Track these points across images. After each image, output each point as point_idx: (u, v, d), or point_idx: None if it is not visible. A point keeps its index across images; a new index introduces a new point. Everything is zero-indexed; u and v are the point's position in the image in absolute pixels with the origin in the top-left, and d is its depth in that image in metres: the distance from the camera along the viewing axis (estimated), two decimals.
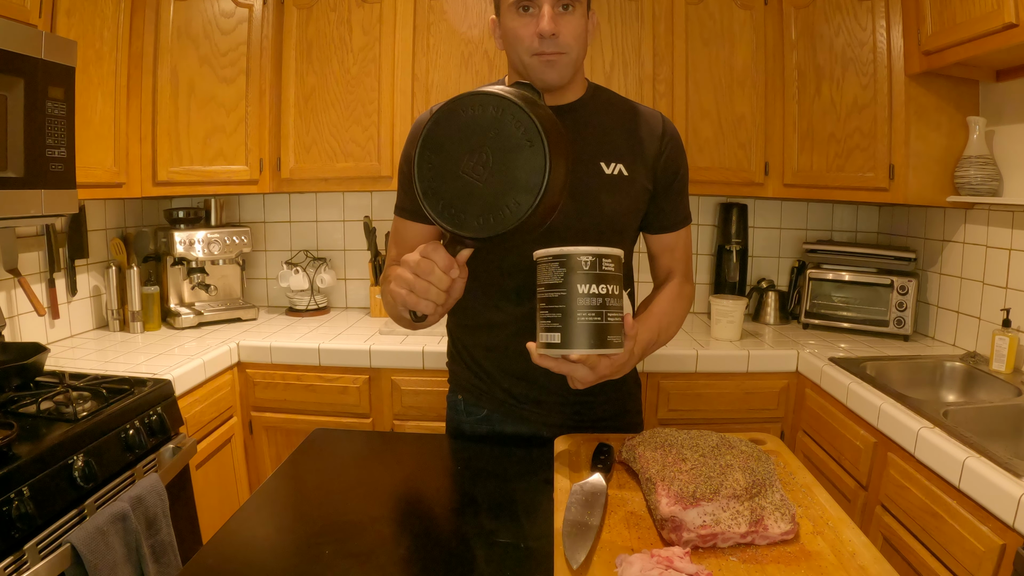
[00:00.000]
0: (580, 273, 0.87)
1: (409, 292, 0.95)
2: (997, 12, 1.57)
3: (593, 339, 0.88)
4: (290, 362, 2.18)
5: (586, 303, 0.87)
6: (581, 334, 0.88)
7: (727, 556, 0.80)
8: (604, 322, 0.88)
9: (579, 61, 1.16)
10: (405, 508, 1.03)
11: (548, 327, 0.90)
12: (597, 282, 0.88)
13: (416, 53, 2.33)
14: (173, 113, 2.21)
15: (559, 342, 0.88)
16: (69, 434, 1.40)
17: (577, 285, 0.87)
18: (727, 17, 2.32)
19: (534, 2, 1.09)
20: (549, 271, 0.89)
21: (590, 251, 0.88)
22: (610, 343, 0.89)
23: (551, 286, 0.89)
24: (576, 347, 0.88)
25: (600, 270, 0.88)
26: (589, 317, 0.87)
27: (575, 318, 0.88)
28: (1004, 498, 1.20)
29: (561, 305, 0.88)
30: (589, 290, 0.88)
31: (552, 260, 0.89)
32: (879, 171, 2.09)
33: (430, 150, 0.91)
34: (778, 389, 2.13)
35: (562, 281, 0.88)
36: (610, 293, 0.89)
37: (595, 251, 0.89)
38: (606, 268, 0.89)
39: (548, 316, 0.90)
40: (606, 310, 0.88)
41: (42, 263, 2.13)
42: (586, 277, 0.88)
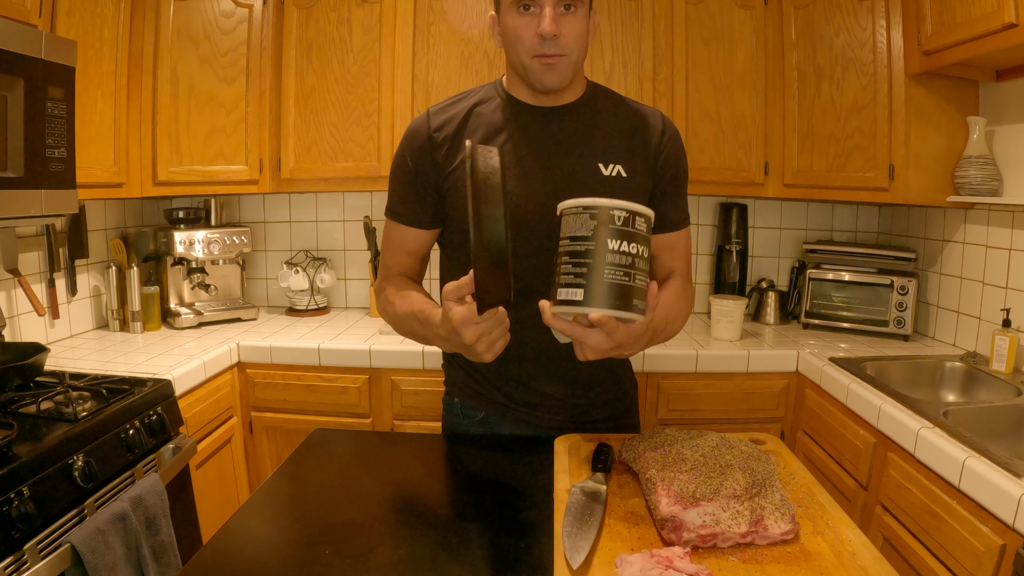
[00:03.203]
0: (612, 228, 0.81)
1: (495, 347, 0.94)
2: (997, 12, 1.57)
3: (618, 300, 0.80)
4: (290, 362, 2.18)
5: (615, 260, 0.80)
6: (606, 293, 0.80)
7: (727, 556, 0.80)
8: (631, 283, 0.81)
9: (579, 63, 1.14)
10: (405, 508, 1.03)
11: (570, 282, 0.82)
12: (628, 240, 0.81)
13: (416, 53, 2.33)
14: (173, 113, 2.21)
15: (581, 299, 0.81)
16: (69, 434, 1.40)
17: (608, 240, 0.80)
18: (727, 17, 2.32)
19: (536, 1, 1.07)
20: (577, 223, 0.82)
21: (625, 206, 0.82)
22: (635, 307, 0.82)
23: (578, 239, 0.82)
24: (599, 306, 0.80)
25: (632, 228, 0.82)
26: (617, 276, 0.80)
27: (602, 275, 0.80)
28: (1004, 498, 1.20)
29: (588, 260, 0.81)
30: (620, 247, 0.81)
31: (583, 211, 0.82)
32: (879, 171, 2.09)
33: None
34: (778, 389, 2.13)
35: (591, 234, 0.81)
36: (639, 255, 0.82)
37: (630, 207, 0.82)
38: (638, 227, 0.82)
39: (571, 271, 0.82)
40: (634, 271, 0.82)
41: (42, 263, 2.13)
42: (618, 233, 0.81)
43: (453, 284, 0.91)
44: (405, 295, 1.18)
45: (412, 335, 1.17)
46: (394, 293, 1.21)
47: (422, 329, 1.11)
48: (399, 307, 1.17)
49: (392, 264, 1.28)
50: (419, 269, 1.30)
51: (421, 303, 1.12)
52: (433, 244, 1.29)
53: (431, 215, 1.23)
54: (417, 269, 1.29)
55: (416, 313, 1.11)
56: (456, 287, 0.91)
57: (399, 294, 1.20)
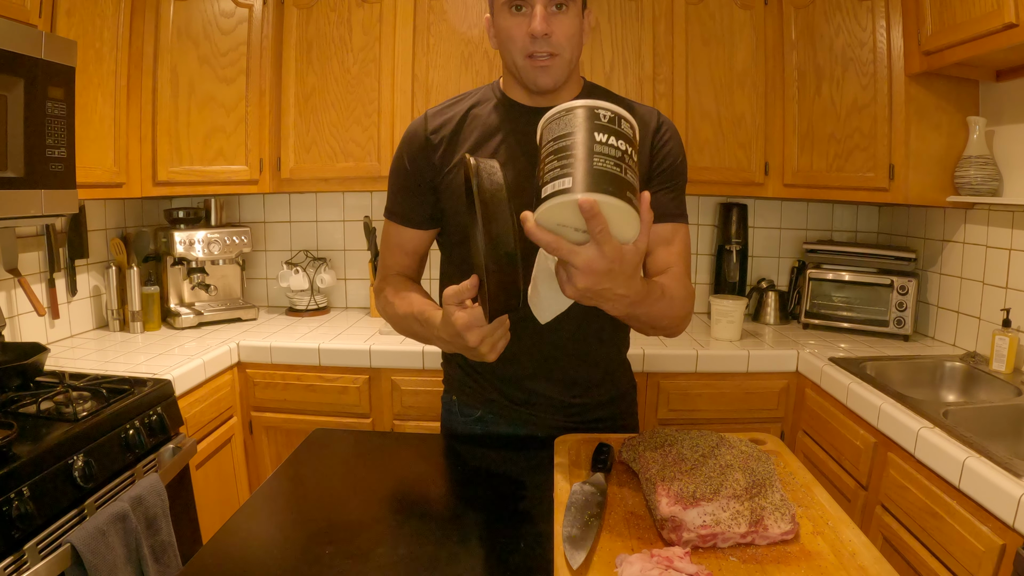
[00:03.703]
0: (597, 123, 0.75)
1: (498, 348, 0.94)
2: (997, 12, 1.57)
3: (609, 185, 0.72)
4: (290, 362, 2.18)
5: (602, 150, 0.74)
6: (596, 177, 0.72)
7: (727, 556, 0.80)
8: (622, 175, 0.74)
9: (573, 62, 1.14)
10: (405, 508, 1.03)
11: (556, 175, 0.74)
12: (616, 136, 0.75)
13: (416, 53, 2.33)
14: (173, 113, 2.21)
15: (569, 186, 0.72)
16: (69, 434, 1.40)
17: (594, 132, 0.74)
18: (727, 17, 2.32)
19: (527, 1, 1.07)
20: (561, 124, 0.77)
21: (610, 106, 0.77)
22: (628, 199, 0.74)
23: (560, 136, 0.76)
24: (589, 190, 0.71)
25: (619, 127, 0.76)
26: (606, 164, 0.73)
27: (589, 162, 0.73)
28: (1004, 498, 1.20)
29: (573, 151, 0.74)
30: (607, 140, 0.74)
31: (566, 113, 0.77)
32: (879, 171, 2.09)
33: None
34: (778, 389, 2.13)
35: (576, 129, 0.75)
36: (628, 154, 0.76)
37: (615, 108, 0.77)
38: (623, 128, 0.77)
39: (556, 165, 0.75)
40: (625, 165, 0.75)
41: (42, 263, 2.13)
42: (603, 128, 0.75)
43: (454, 289, 0.91)
44: (404, 295, 1.18)
45: (412, 335, 1.17)
46: (393, 293, 1.21)
47: (422, 330, 1.11)
48: (399, 307, 1.17)
49: (391, 264, 1.29)
50: (418, 268, 1.31)
51: (421, 304, 1.12)
52: (431, 243, 1.30)
53: (429, 215, 1.24)
54: (416, 268, 1.30)
55: (416, 315, 1.11)
56: (457, 292, 0.91)
57: (398, 294, 1.20)
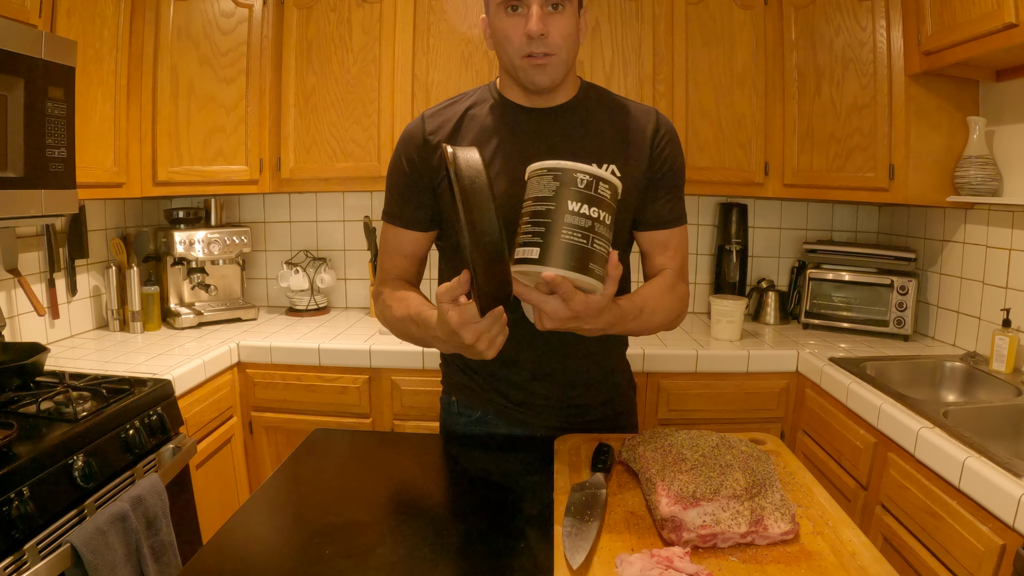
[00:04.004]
0: (573, 190, 0.80)
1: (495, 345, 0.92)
2: (997, 12, 1.57)
3: (573, 261, 0.79)
4: (290, 362, 2.18)
5: (573, 221, 0.79)
6: (561, 252, 0.79)
7: (727, 556, 0.80)
8: (588, 247, 0.80)
9: (570, 61, 1.14)
10: (405, 508, 1.03)
11: (527, 241, 0.81)
12: (590, 203, 0.80)
13: (416, 53, 2.33)
14: (173, 113, 2.21)
15: (536, 257, 0.80)
16: (69, 434, 1.40)
17: (568, 201, 0.80)
18: (727, 17, 2.32)
19: (523, 2, 1.07)
20: (541, 184, 0.82)
21: (588, 170, 0.81)
22: (591, 271, 0.81)
23: (539, 199, 0.81)
24: (553, 265, 0.79)
25: (595, 192, 0.81)
26: (574, 237, 0.79)
27: (559, 235, 0.79)
28: (1004, 498, 1.20)
29: (546, 220, 0.80)
30: (579, 209, 0.80)
31: (546, 173, 0.82)
32: (879, 171, 2.09)
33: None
34: (778, 389, 2.13)
35: (552, 195, 0.80)
36: (600, 220, 0.81)
37: (594, 171, 0.82)
38: (601, 193, 0.81)
39: (529, 230, 0.81)
40: (593, 235, 0.80)
41: (42, 263, 2.13)
42: (579, 195, 0.80)
43: (446, 286, 0.90)
44: (401, 298, 1.17)
45: (410, 338, 1.16)
46: (390, 296, 1.20)
47: (419, 332, 1.10)
48: (396, 311, 1.16)
49: (389, 267, 1.27)
50: (416, 272, 1.29)
51: (418, 306, 1.12)
52: (430, 246, 1.28)
53: (427, 217, 1.23)
54: (414, 272, 1.28)
55: (412, 316, 1.10)
56: (448, 289, 0.90)
57: (395, 297, 1.19)
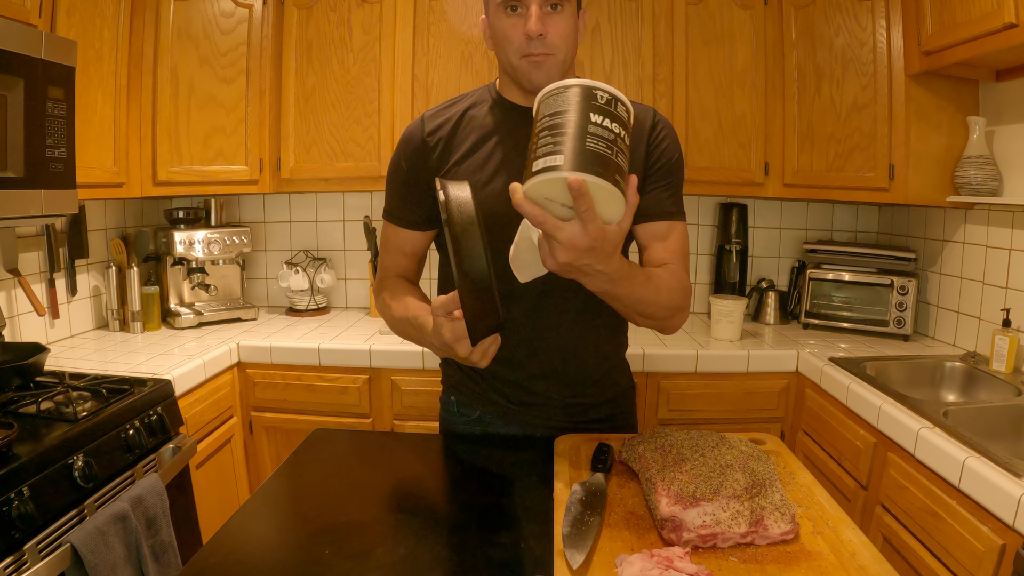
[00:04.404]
0: (594, 104, 0.77)
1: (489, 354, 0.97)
2: (997, 12, 1.57)
3: (599, 167, 0.74)
4: (290, 362, 2.18)
5: (596, 131, 0.75)
6: (587, 158, 0.74)
7: (727, 556, 0.80)
8: (613, 158, 0.76)
9: (568, 61, 1.14)
10: (405, 508, 1.03)
11: (548, 151, 0.76)
12: (610, 118, 0.77)
13: (416, 53, 2.33)
14: (173, 113, 2.21)
15: (560, 164, 0.74)
16: (69, 434, 1.40)
17: (589, 112, 0.76)
18: (727, 17, 2.32)
19: (522, 2, 1.08)
20: (558, 100, 0.78)
21: (607, 87, 0.78)
22: (617, 182, 0.76)
23: (556, 113, 0.77)
24: (579, 169, 0.74)
25: (615, 110, 0.78)
26: (599, 145, 0.75)
27: (582, 142, 0.75)
28: (1004, 498, 1.20)
29: (567, 129, 0.76)
30: (601, 121, 0.76)
31: (564, 90, 0.78)
32: (879, 171, 2.09)
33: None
34: (778, 389, 2.13)
35: (572, 107, 0.77)
36: (621, 137, 0.78)
37: (612, 90, 0.78)
38: (619, 110, 0.78)
39: (549, 141, 0.76)
40: (616, 149, 0.77)
41: (42, 263, 2.13)
42: (600, 109, 0.76)
43: (441, 300, 0.94)
44: (401, 298, 1.19)
45: (408, 338, 1.18)
46: (390, 296, 1.23)
47: (416, 335, 1.13)
48: (395, 311, 1.19)
49: (389, 265, 1.30)
50: (416, 269, 1.32)
51: (416, 309, 1.14)
52: (429, 244, 1.31)
53: (426, 217, 1.25)
54: (414, 269, 1.32)
55: (411, 319, 1.13)
56: (443, 303, 0.94)
57: (395, 296, 1.21)
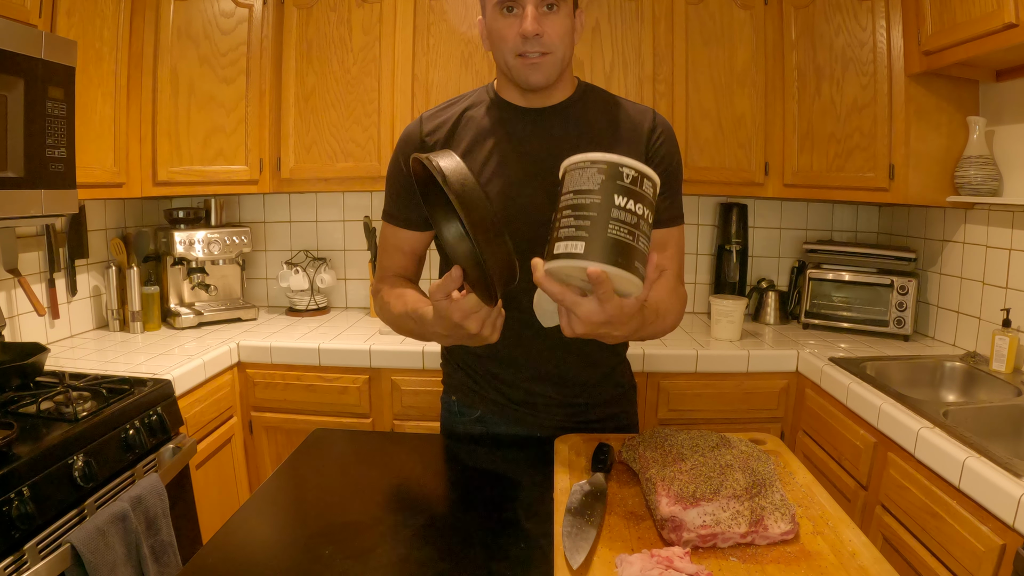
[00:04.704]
0: (619, 184, 0.78)
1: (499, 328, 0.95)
2: (997, 12, 1.57)
3: (620, 257, 0.76)
4: (290, 362, 2.18)
5: (619, 216, 0.77)
6: (609, 248, 0.76)
7: (727, 556, 0.80)
8: (634, 244, 0.77)
9: (565, 61, 1.14)
10: (405, 508, 1.03)
11: (570, 235, 0.78)
12: (635, 199, 0.78)
13: (416, 53, 2.33)
14: (173, 113, 2.21)
15: (581, 252, 0.76)
16: (69, 434, 1.40)
17: (613, 195, 0.77)
18: (727, 17, 2.32)
19: (518, 2, 1.08)
20: (583, 177, 0.79)
21: (634, 164, 0.79)
22: (636, 270, 0.78)
23: (582, 192, 0.78)
24: (599, 260, 0.76)
25: (640, 188, 0.79)
26: (620, 232, 0.76)
27: (604, 230, 0.76)
28: (1004, 498, 1.20)
29: (591, 213, 0.77)
30: (625, 204, 0.77)
31: (590, 165, 0.79)
32: (879, 171, 2.09)
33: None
34: (778, 389, 2.13)
35: (598, 188, 0.78)
36: (644, 217, 0.79)
37: (639, 167, 0.79)
38: (645, 189, 0.79)
39: (572, 224, 0.78)
40: (639, 233, 0.78)
41: (42, 263, 2.13)
42: (625, 190, 0.78)
43: (437, 283, 0.91)
44: (399, 295, 1.19)
45: (409, 333, 1.17)
46: (388, 293, 1.22)
47: (418, 327, 1.11)
48: (394, 308, 1.18)
49: (388, 265, 1.30)
50: (415, 269, 1.31)
51: (415, 302, 1.13)
52: (428, 245, 1.30)
53: (425, 217, 1.23)
54: (413, 269, 1.31)
55: (410, 313, 1.11)
56: (441, 285, 0.91)
57: (393, 294, 1.21)
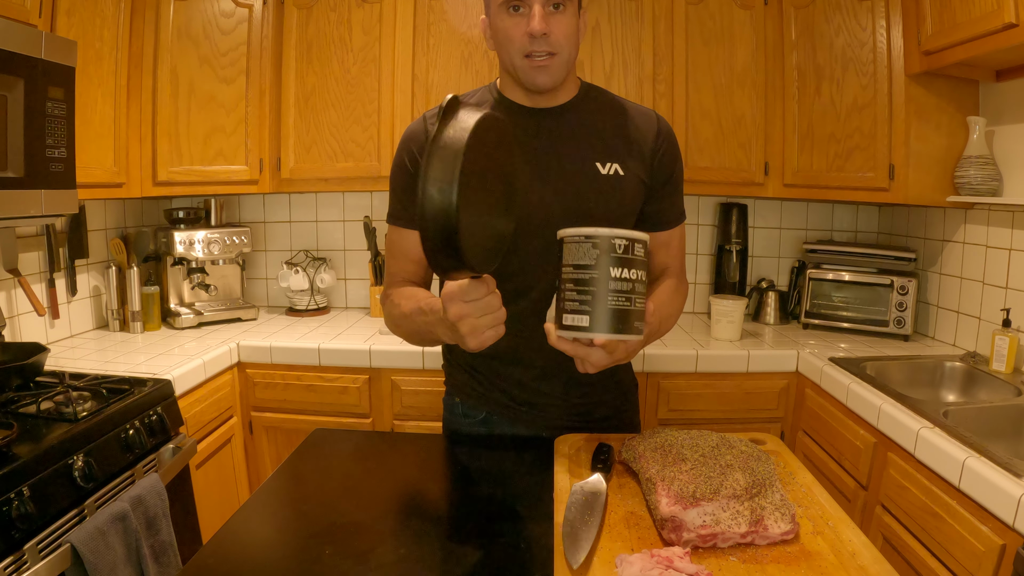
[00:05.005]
0: (613, 256, 0.87)
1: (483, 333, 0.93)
2: (997, 12, 1.57)
3: (620, 324, 0.87)
4: (290, 362, 2.18)
5: (617, 287, 0.87)
6: (609, 319, 0.87)
7: (727, 556, 0.80)
8: (632, 307, 0.88)
9: (571, 61, 1.15)
10: (405, 508, 1.03)
11: (575, 309, 0.89)
12: (628, 267, 0.88)
13: (416, 53, 2.33)
14: (173, 113, 2.21)
15: (587, 326, 0.88)
16: (69, 434, 1.40)
17: (609, 268, 0.87)
18: (727, 17, 2.32)
19: (524, 2, 1.08)
20: (580, 251, 0.89)
21: (624, 234, 0.88)
22: (635, 329, 0.89)
23: (581, 267, 0.88)
24: (603, 332, 0.87)
25: (632, 254, 0.88)
26: (619, 302, 0.87)
27: (605, 302, 0.87)
28: (1004, 498, 1.20)
29: (591, 288, 0.87)
30: (620, 274, 0.87)
31: (584, 240, 0.88)
32: (879, 171, 2.09)
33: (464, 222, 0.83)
34: (778, 389, 2.13)
35: (594, 263, 0.87)
36: (639, 279, 0.89)
37: (629, 235, 0.88)
38: (637, 253, 0.89)
39: (575, 298, 0.89)
40: (634, 296, 0.88)
41: (42, 263, 2.13)
42: (619, 261, 0.87)
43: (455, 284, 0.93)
44: (411, 293, 1.16)
45: (417, 333, 1.14)
46: (398, 294, 1.19)
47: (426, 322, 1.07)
48: (404, 306, 1.14)
49: (396, 271, 1.26)
50: (424, 276, 1.27)
51: (426, 297, 1.11)
52: None
53: None
54: (422, 276, 1.27)
55: (422, 306, 1.09)
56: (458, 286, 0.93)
57: (403, 292, 1.18)
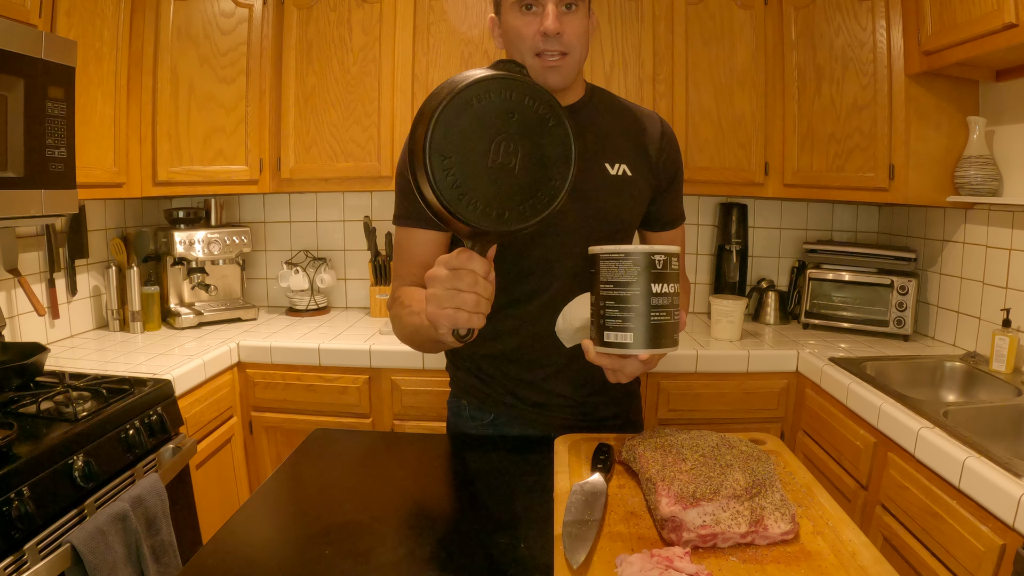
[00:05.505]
0: (653, 272, 0.88)
1: (457, 310, 0.84)
2: (997, 12, 1.57)
3: (661, 338, 0.89)
4: (290, 362, 2.18)
5: (657, 303, 0.89)
6: (651, 334, 0.88)
7: (727, 556, 0.80)
8: (670, 320, 0.90)
9: (581, 62, 1.16)
10: (405, 508, 1.03)
11: (617, 327, 0.90)
12: (666, 281, 0.89)
13: (416, 53, 2.33)
14: (173, 113, 2.21)
15: (630, 342, 0.89)
16: (69, 434, 1.40)
17: (650, 284, 0.88)
18: (727, 17, 2.32)
19: (538, 1, 1.09)
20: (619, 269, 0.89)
21: (662, 250, 0.90)
22: (673, 340, 0.91)
23: (622, 284, 0.89)
24: (646, 347, 0.89)
25: (668, 269, 0.89)
26: (659, 316, 0.88)
27: (647, 318, 0.88)
28: (1004, 498, 1.20)
29: (633, 304, 0.88)
30: (660, 289, 0.89)
31: (624, 258, 0.89)
32: (879, 171, 2.09)
33: (442, 155, 0.81)
34: (778, 389, 2.13)
35: (634, 280, 0.88)
36: (674, 292, 0.91)
37: (665, 250, 0.90)
38: (673, 267, 0.90)
39: (617, 315, 0.89)
40: (672, 309, 0.90)
41: (42, 263, 2.13)
42: (657, 276, 0.88)
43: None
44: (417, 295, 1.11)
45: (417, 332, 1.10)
46: (407, 295, 1.16)
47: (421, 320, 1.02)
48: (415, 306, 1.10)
49: (404, 275, 1.23)
50: None
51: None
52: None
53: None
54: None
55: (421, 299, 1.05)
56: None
57: (411, 290, 1.16)
